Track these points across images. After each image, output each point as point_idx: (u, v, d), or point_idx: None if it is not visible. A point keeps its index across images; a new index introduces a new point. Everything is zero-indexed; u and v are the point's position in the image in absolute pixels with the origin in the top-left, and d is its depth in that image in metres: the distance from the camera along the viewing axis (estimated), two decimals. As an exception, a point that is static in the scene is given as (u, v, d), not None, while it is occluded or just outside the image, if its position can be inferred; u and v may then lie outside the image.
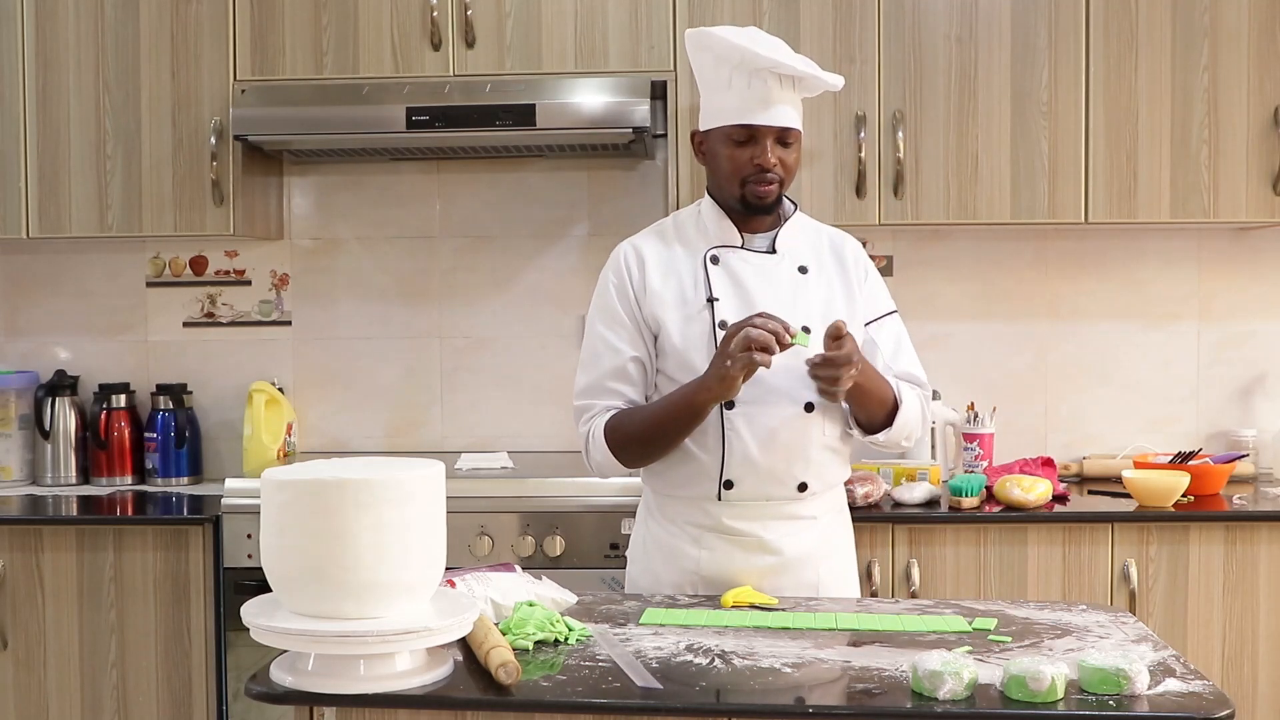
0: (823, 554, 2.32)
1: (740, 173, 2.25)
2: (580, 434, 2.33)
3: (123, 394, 3.63)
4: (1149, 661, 1.80)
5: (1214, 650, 3.04)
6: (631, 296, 2.31)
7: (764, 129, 2.23)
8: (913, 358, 2.40)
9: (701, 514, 2.29)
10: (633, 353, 2.29)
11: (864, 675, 1.76)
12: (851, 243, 2.41)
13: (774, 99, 2.22)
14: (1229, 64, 3.23)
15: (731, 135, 2.25)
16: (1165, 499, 3.08)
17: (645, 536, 2.39)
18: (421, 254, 3.70)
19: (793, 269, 2.31)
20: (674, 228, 2.39)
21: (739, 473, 2.24)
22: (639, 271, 2.32)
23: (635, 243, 2.37)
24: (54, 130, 3.36)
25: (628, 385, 2.30)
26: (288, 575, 1.72)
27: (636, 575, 2.39)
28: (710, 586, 2.27)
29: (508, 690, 1.70)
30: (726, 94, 2.24)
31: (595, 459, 2.31)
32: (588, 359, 2.33)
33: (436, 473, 1.77)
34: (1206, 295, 3.63)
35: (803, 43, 3.24)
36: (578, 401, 2.33)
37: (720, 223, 2.33)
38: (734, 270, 2.29)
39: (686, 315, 2.27)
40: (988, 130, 3.25)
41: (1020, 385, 3.64)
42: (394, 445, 3.71)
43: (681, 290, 2.29)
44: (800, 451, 2.25)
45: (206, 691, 3.13)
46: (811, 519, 2.30)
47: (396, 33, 3.29)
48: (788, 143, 2.26)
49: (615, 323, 2.31)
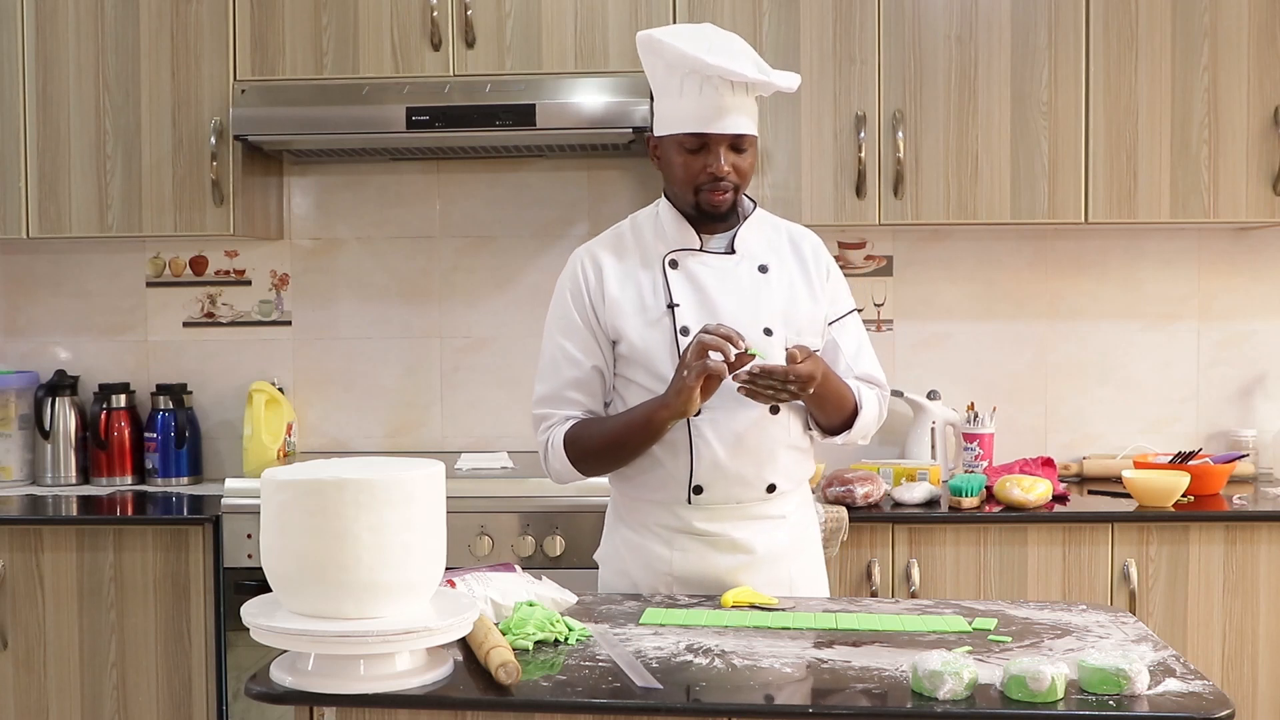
0: (794, 552, 2.33)
1: (693, 180, 2.24)
2: (538, 442, 2.32)
3: (123, 394, 3.63)
4: (1149, 661, 1.80)
5: (1214, 650, 3.04)
6: (588, 305, 2.29)
7: (717, 137, 2.21)
8: (872, 358, 2.42)
9: (672, 517, 2.29)
10: (591, 362, 2.29)
11: (864, 675, 1.76)
12: (811, 239, 2.40)
13: (726, 106, 2.19)
14: (1229, 64, 3.23)
15: (684, 143, 2.23)
16: (1165, 499, 3.08)
17: (616, 540, 2.38)
18: (421, 254, 3.70)
19: (753, 269, 2.30)
20: (631, 231, 2.36)
21: (708, 478, 2.24)
22: (596, 280, 2.29)
23: (592, 249, 2.35)
24: (54, 130, 3.36)
25: (586, 395, 2.30)
26: (288, 575, 1.72)
27: (609, 578, 2.38)
28: (685, 586, 2.28)
29: (508, 690, 1.70)
30: (678, 101, 2.21)
31: (554, 468, 2.31)
32: (546, 368, 2.32)
33: (436, 473, 1.77)
34: (1206, 295, 3.63)
35: (803, 43, 3.24)
36: (536, 410, 2.32)
37: (678, 225, 2.30)
38: (693, 273, 2.28)
39: (647, 321, 2.26)
40: (988, 130, 3.25)
41: (1020, 385, 3.64)
42: (394, 445, 3.71)
43: (641, 296, 2.27)
44: (768, 453, 2.25)
45: (206, 691, 3.13)
46: (781, 518, 2.31)
47: (396, 33, 3.29)
48: (742, 148, 2.24)
49: (573, 331, 2.29)
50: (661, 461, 2.25)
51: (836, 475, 3.09)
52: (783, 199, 3.26)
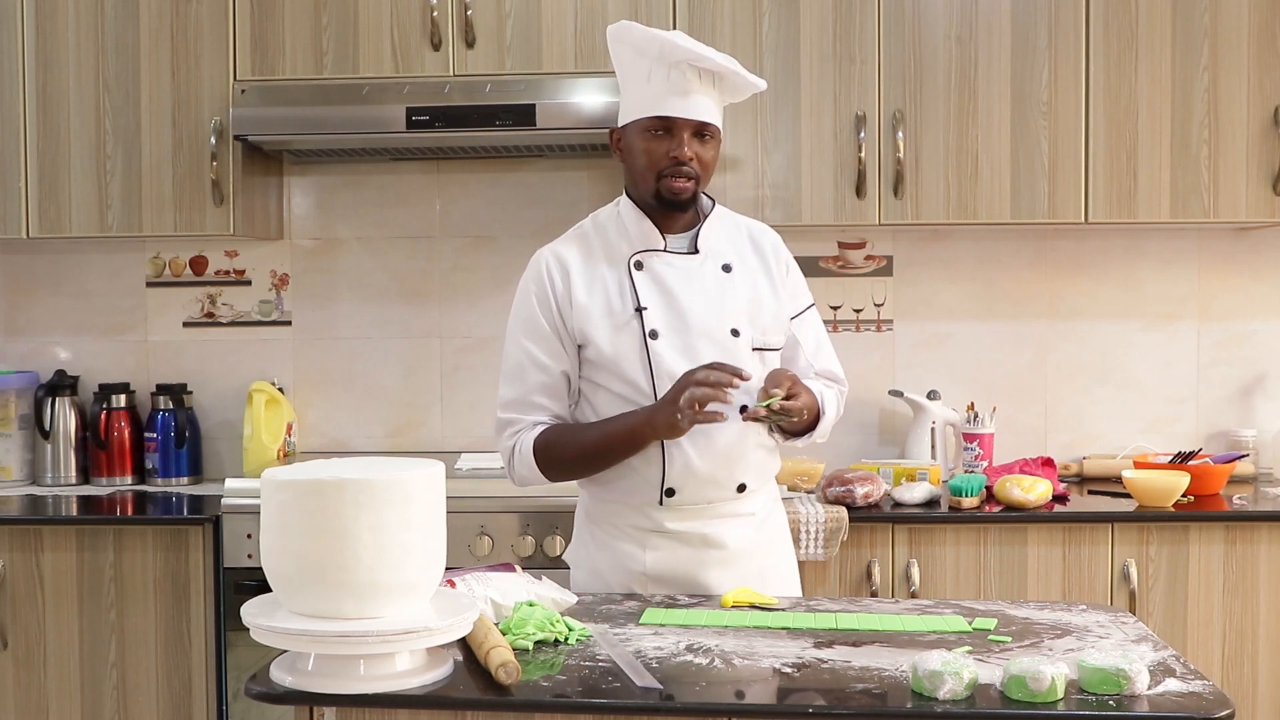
0: (764, 548, 2.34)
1: (656, 166, 2.23)
2: (504, 448, 2.31)
3: (123, 394, 3.63)
4: (1149, 661, 1.80)
5: (1214, 650, 3.04)
6: (554, 308, 2.27)
7: (681, 121, 2.21)
8: (831, 353, 2.43)
9: (644, 518, 2.29)
10: (559, 368, 2.28)
11: (864, 675, 1.76)
12: (770, 235, 2.41)
13: (693, 91, 2.20)
14: (1229, 64, 3.23)
15: (648, 128, 2.22)
16: (1165, 499, 3.08)
17: (588, 540, 2.38)
18: (421, 254, 3.70)
19: (717, 268, 2.30)
20: (594, 230, 2.35)
21: (680, 481, 2.25)
22: (563, 283, 2.28)
23: (557, 250, 2.33)
24: (54, 130, 3.36)
25: (553, 400, 2.29)
26: (288, 575, 1.72)
27: (582, 579, 2.37)
28: (659, 585, 2.28)
29: (508, 690, 1.70)
30: (645, 87, 2.22)
31: (520, 473, 2.30)
32: (512, 371, 2.31)
33: (437, 473, 1.77)
34: (1206, 295, 3.63)
35: (802, 43, 3.24)
36: (502, 414, 2.31)
37: (640, 224, 2.29)
38: (659, 275, 2.27)
39: (615, 325, 2.25)
40: (988, 130, 3.25)
41: (1020, 385, 3.64)
42: (394, 445, 3.71)
43: (608, 300, 2.26)
44: (739, 455, 2.26)
45: (206, 691, 3.13)
46: (750, 515, 2.32)
47: (396, 33, 3.29)
48: (705, 138, 2.24)
49: (538, 335, 2.28)
50: (634, 467, 2.26)
51: (836, 475, 3.09)
52: (783, 199, 3.26)
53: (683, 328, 2.24)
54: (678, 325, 2.24)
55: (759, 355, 2.29)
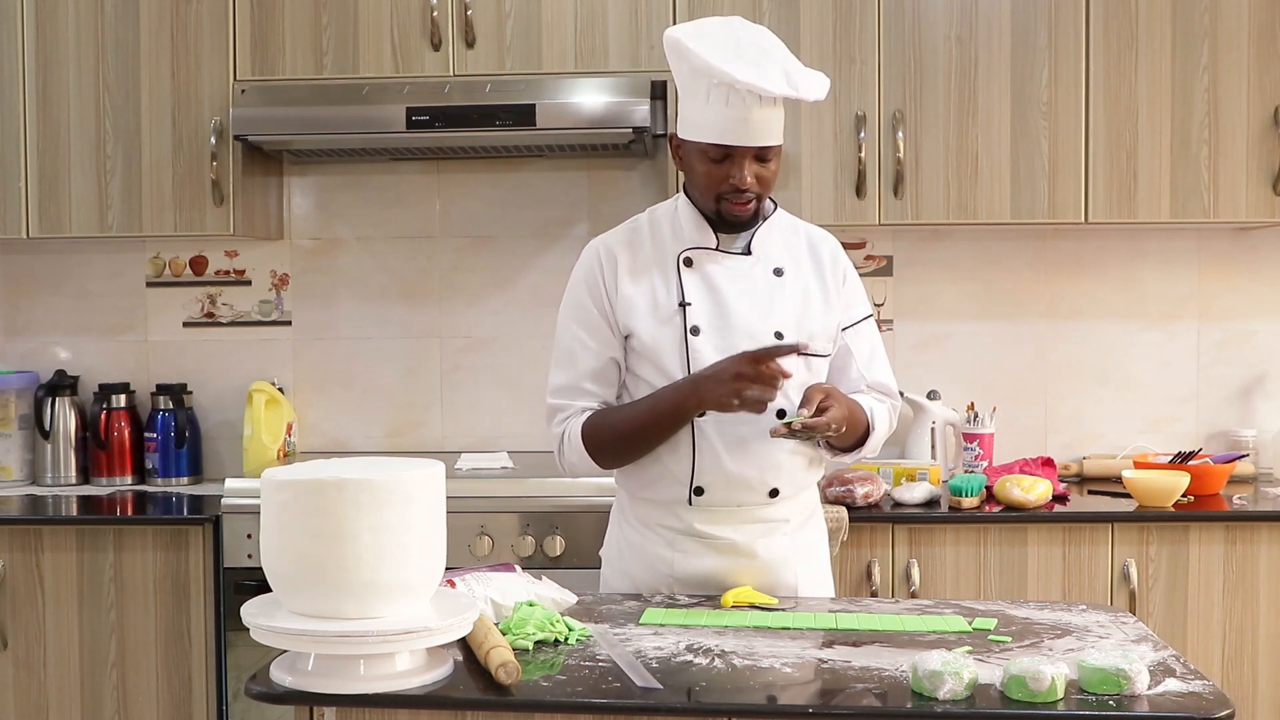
0: (799, 558, 2.31)
1: (715, 189, 2.21)
2: (554, 434, 2.31)
3: (123, 394, 3.63)
4: (1149, 661, 1.80)
5: (1214, 650, 3.04)
6: (604, 297, 2.27)
7: (742, 150, 2.17)
8: (885, 366, 2.39)
9: (673, 518, 2.28)
10: (608, 354, 2.28)
11: (864, 675, 1.76)
12: (830, 243, 2.37)
13: (753, 119, 2.15)
14: (1229, 64, 3.23)
15: (707, 153, 2.19)
16: (1165, 499, 3.08)
17: (619, 539, 2.38)
18: (421, 254, 3.70)
19: (768, 271, 2.28)
20: (649, 225, 2.34)
21: (709, 479, 2.24)
22: (611, 275, 2.28)
23: (607, 242, 2.33)
24: (54, 130, 3.36)
25: (603, 386, 2.29)
26: (288, 575, 1.72)
27: (611, 577, 2.38)
28: (685, 588, 2.27)
29: (508, 690, 1.70)
30: (704, 108, 2.17)
31: (570, 460, 2.29)
32: (563, 358, 2.31)
33: (437, 473, 1.77)
34: (1206, 295, 3.63)
35: (802, 43, 3.24)
36: (552, 400, 2.31)
37: (696, 223, 2.29)
38: (708, 273, 2.26)
39: (659, 319, 2.24)
40: (988, 130, 3.25)
41: (1020, 385, 3.64)
42: (394, 445, 3.71)
43: (654, 293, 2.26)
44: (771, 458, 2.24)
45: (206, 691, 3.13)
46: (784, 521, 2.30)
47: (396, 33, 3.29)
48: (766, 158, 2.21)
49: (589, 323, 2.28)
50: (663, 460, 2.25)
51: (836, 475, 3.09)
52: (782, 199, 3.24)
53: (725, 326, 2.23)
54: (720, 324, 2.23)
55: (804, 361, 2.24)
